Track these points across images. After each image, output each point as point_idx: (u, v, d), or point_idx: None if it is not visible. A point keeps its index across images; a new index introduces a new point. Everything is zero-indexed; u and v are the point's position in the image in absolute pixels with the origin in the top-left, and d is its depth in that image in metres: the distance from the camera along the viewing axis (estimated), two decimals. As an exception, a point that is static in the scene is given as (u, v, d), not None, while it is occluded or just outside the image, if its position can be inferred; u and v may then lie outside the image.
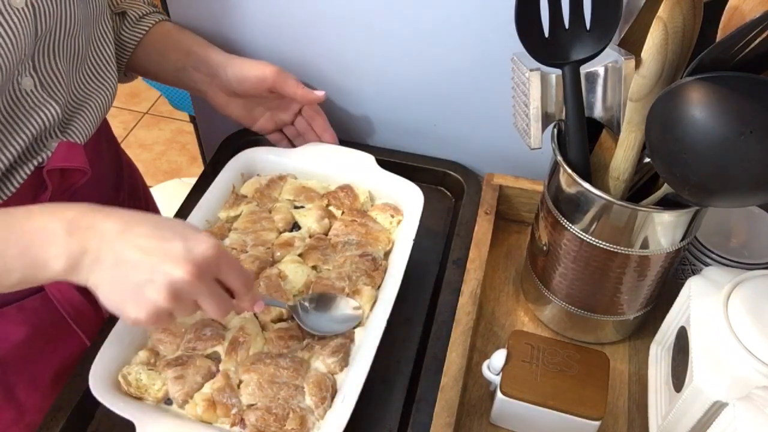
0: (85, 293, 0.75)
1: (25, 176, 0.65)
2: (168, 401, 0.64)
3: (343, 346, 0.66)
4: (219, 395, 0.62)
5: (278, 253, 0.75)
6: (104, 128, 0.81)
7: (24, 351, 0.73)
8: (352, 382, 0.62)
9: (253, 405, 0.62)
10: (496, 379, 0.64)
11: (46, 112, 0.65)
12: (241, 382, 0.64)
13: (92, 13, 0.69)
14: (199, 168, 1.03)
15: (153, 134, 2.46)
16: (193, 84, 0.84)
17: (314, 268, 0.75)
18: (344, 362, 0.66)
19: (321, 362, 0.66)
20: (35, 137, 0.65)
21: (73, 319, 0.75)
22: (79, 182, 0.69)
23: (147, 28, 0.81)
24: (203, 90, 0.84)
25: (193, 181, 0.90)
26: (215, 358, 0.66)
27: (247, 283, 0.58)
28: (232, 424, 0.62)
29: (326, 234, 0.78)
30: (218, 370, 0.65)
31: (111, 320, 0.71)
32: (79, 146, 0.69)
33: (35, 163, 0.66)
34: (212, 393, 0.62)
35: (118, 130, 2.43)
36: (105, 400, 0.60)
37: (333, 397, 0.63)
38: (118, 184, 0.86)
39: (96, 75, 0.73)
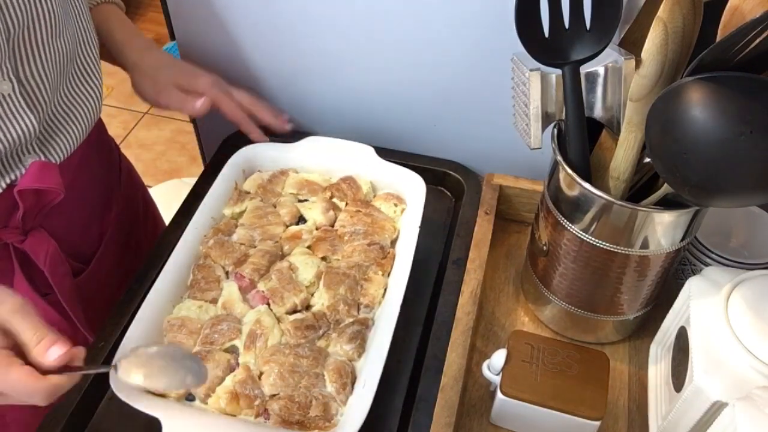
0: (63, 312, 0.74)
1: None
2: (190, 397, 0.64)
3: (359, 333, 0.67)
4: (241, 387, 0.63)
5: (287, 247, 0.76)
6: (96, 136, 0.78)
7: None
8: (372, 366, 0.62)
9: (275, 395, 0.63)
10: (496, 379, 0.64)
11: (22, 123, 0.62)
12: (261, 373, 0.65)
13: (73, 9, 0.67)
14: (199, 168, 1.03)
15: (153, 134, 2.46)
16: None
17: (324, 259, 0.75)
18: (361, 348, 0.66)
19: (339, 350, 0.66)
20: (9, 151, 0.62)
21: None
22: (53, 202, 0.68)
23: (89, 7, 0.77)
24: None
25: (193, 181, 0.90)
26: (233, 352, 0.67)
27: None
28: (257, 415, 0.62)
29: (332, 225, 0.79)
30: (238, 364, 0.66)
31: (112, 321, 0.72)
32: (53, 166, 0.66)
33: (8, 180, 0.63)
34: (234, 386, 0.63)
35: (118, 130, 2.43)
36: (129, 399, 0.60)
37: (353, 384, 0.64)
38: (109, 197, 0.84)
39: (82, 85, 0.71)
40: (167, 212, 0.95)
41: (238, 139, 0.94)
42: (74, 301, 0.76)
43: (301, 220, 0.81)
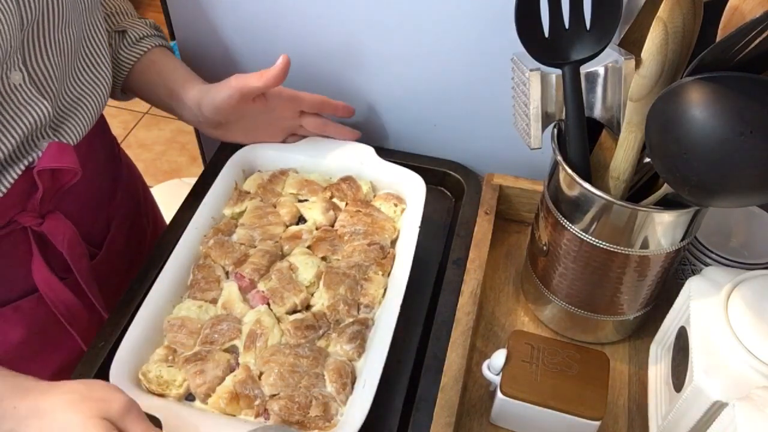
0: (80, 295, 0.75)
1: (15, 176, 0.64)
2: (189, 397, 0.64)
3: (359, 333, 0.67)
4: (241, 387, 0.63)
5: (287, 247, 0.76)
6: (100, 128, 0.79)
7: (21, 352, 0.73)
8: (372, 366, 0.63)
9: (275, 395, 0.63)
10: (496, 379, 0.64)
11: (36, 109, 0.64)
12: (261, 373, 0.65)
13: (82, 4, 0.68)
14: (199, 168, 1.03)
15: (153, 134, 2.46)
16: (186, 121, 0.82)
17: (324, 259, 0.75)
18: (361, 348, 0.66)
19: (339, 350, 0.66)
20: (25, 136, 0.64)
21: (67, 320, 0.74)
22: (70, 182, 0.69)
23: (143, 52, 0.80)
24: (196, 126, 0.82)
25: (193, 181, 0.90)
26: (233, 352, 0.67)
27: None
28: (257, 415, 0.62)
29: (332, 225, 0.79)
30: (238, 364, 0.66)
31: (112, 321, 0.71)
32: (69, 146, 0.67)
33: (26, 163, 0.65)
34: (234, 386, 0.63)
35: (118, 130, 2.43)
36: None
37: (353, 384, 0.64)
38: (113, 186, 0.85)
39: (90, 73, 0.72)
40: (167, 212, 0.95)
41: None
42: (92, 282, 0.77)
43: (301, 220, 0.81)
